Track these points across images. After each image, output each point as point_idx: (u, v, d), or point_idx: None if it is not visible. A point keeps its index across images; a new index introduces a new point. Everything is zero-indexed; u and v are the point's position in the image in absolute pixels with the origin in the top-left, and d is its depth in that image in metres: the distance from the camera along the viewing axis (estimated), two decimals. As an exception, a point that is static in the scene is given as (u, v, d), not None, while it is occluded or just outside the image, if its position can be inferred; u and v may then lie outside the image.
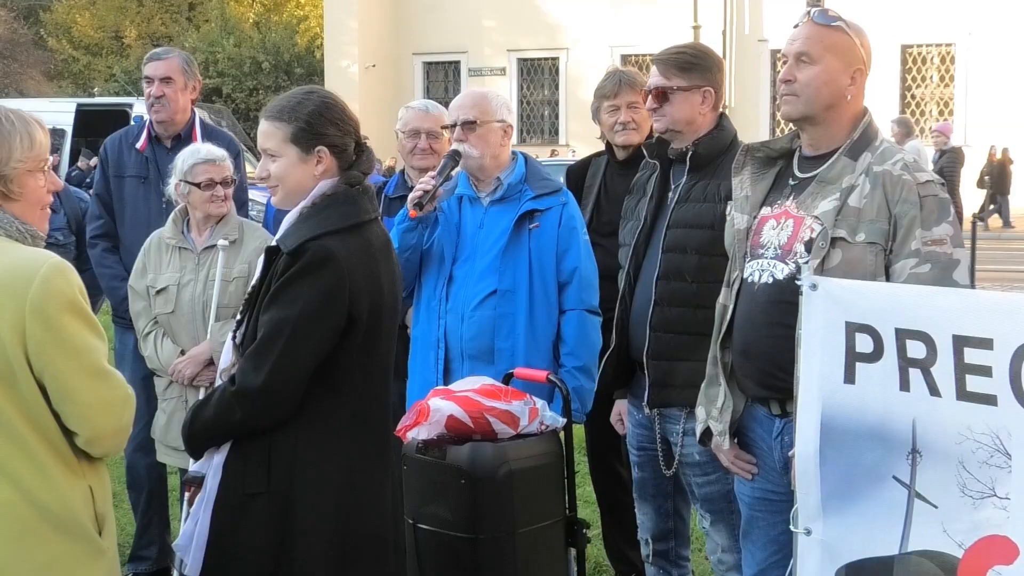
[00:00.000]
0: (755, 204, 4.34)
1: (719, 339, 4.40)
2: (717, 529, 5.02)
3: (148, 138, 6.79)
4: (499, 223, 5.49)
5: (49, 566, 3.46)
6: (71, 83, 47.44)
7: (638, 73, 6.33)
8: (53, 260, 3.43)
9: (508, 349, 5.38)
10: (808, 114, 4.17)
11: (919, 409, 3.41)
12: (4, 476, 3.39)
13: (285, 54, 42.74)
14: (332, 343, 3.92)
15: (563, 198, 5.58)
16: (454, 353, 5.46)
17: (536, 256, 5.45)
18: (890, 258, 3.99)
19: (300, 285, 3.89)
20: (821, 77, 4.11)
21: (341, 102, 4.21)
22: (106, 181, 6.82)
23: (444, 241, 5.54)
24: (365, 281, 3.98)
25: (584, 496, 6.91)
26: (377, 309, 4.04)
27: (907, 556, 3.48)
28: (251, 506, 3.95)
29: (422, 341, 5.58)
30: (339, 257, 3.91)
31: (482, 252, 5.48)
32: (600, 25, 35.90)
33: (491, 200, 5.55)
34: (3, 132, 3.50)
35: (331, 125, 4.10)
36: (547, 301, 5.47)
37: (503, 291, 5.41)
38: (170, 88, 6.72)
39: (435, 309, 5.51)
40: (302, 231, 3.97)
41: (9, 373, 3.36)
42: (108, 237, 6.74)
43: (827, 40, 4.13)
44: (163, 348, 5.99)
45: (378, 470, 4.13)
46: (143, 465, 6.52)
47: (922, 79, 33.58)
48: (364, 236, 4.07)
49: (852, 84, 4.14)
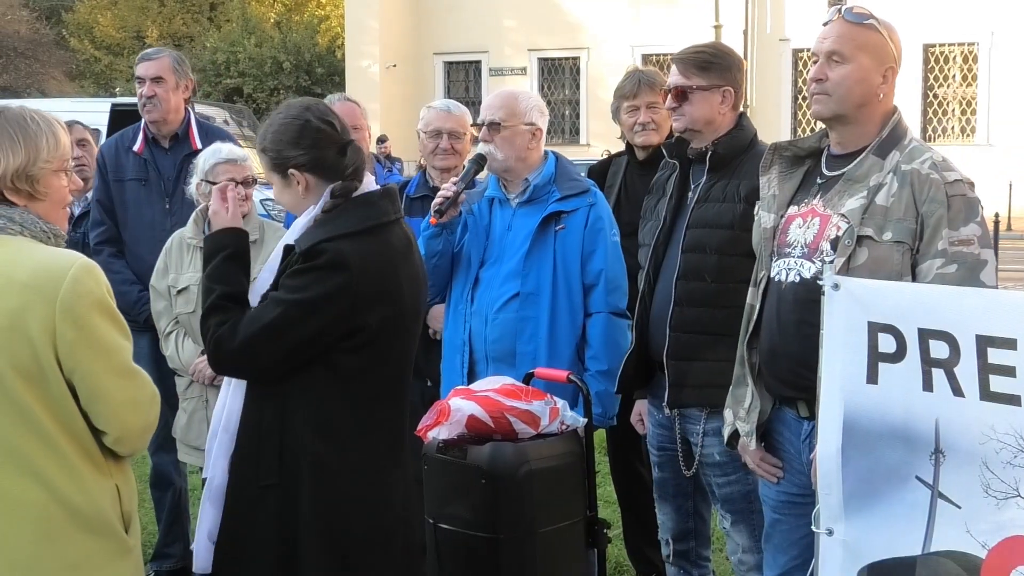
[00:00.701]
0: (782, 203, 4.32)
1: (746, 339, 4.39)
2: (738, 529, 5.01)
3: (145, 140, 6.78)
4: (526, 225, 5.48)
5: (77, 565, 3.49)
6: (92, 83, 47.56)
7: (658, 73, 6.32)
8: (82, 260, 3.46)
9: (530, 352, 5.37)
10: (840, 113, 4.14)
11: (942, 409, 3.40)
12: (34, 476, 3.42)
13: (306, 54, 42.79)
14: (323, 339, 3.92)
15: (591, 199, 5.54)
16: (479, 355, 5.47)
17: (561, 258, 5.43)
18: (917, 258, 3.96)
19: (305, 278, 3.92)
20: (854, 76, 4.09)
21: (303, 117, 4.10)
22: (106, 186, 6.79)
23: (473, 244, 5.54)
24: (379, 287, 3.98)
25: (605, 496, 6.90)
26: (393, 313, 4.04)
27: (930, 556, 3.46)
28: (264, 499, 3.97)
29: (450, 344, 5.59)
30: (352, 263, 3.92)
31: (508, 255, 5.47)
32: (621, 25, 35.88)
33: (519, 202, 5.54)
34: (29, 133, 3.52)
35: (291, 146, 4.07)
36: (571, 304, 5.45)
37: (526, 294, 5.39)
38: (161, 88, 6.71)
39: (461, 312, 5.52)
40: (318, 232, 3.99)
41: (39, 373, 3.38)
42: (112, 242, 6.73)
43: (859, 38, 4.10)
44: (184, 348, 6.00)
45: (388, 470, 4.12)
46: (167, 463, 6.55)
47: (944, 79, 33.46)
48: (383, 238, 4.06)
49: (884, 83, 4.12)
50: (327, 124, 4.10)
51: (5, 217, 3.46)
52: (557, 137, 37.57)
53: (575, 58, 37.90)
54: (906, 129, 4.18)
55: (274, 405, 3.99)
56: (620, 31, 35.89)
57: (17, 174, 3.48)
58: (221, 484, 4.07)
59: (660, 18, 34.89)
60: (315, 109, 4.14)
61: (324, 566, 3.97)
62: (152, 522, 6.99)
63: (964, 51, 33.20)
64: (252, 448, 4.01)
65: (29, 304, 3.35)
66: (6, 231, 3.46)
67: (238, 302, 4.03)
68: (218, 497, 4.08)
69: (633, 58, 33.53)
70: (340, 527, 3.98)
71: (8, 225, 3.46)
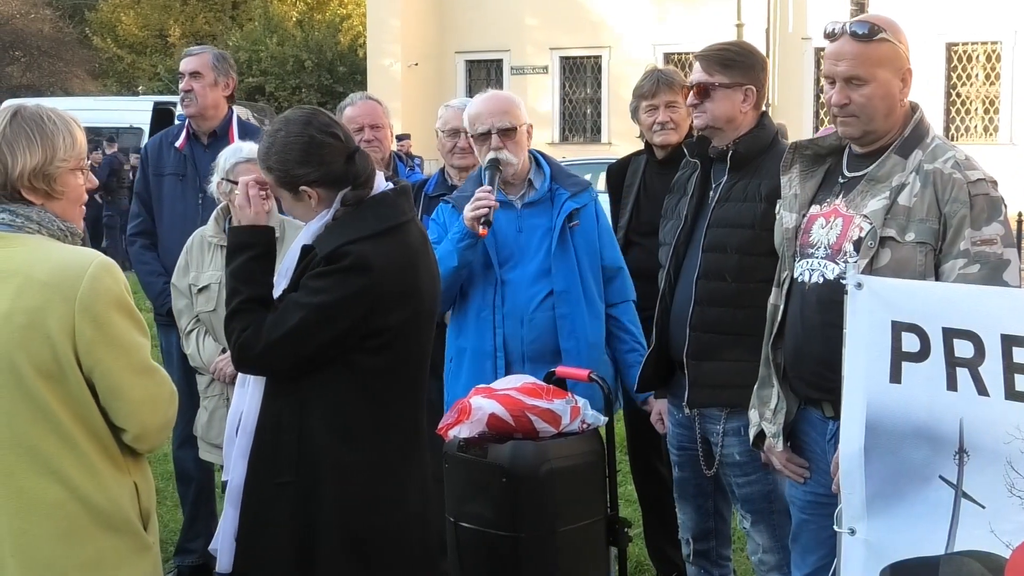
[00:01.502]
0: (804, 203, 4.31)
1: (770, 340, 4.37)
2: (758, 529, 4.99)
3: (187, 136, 6.85)
4: (539, 224, 5.48)
5: (97, 562, 3.51)
6: (115, 81, 47.74)
7: (676, 72, 6.31)
8: (100, 259, 3.48)
9: (573, 349, 5.37)
10: (870, 130, 4.13)
11: (967, 409, 3.38)
12: (54, 475, 3.43)
13: (328, 53, 42.86)
14: (341, 342, 3.92)
15: (593, 193, 5.62)
16: (514, 357, 5.41)
17: (580, 254, 5.46)
18: (939, 258, 3.95)
19: (325, 280, 3.91)
20: (878, 93, 4.07)
21: (306, 133, 4.04)
22: (146, 180, 6.91)
23: (482, 250, 5.49)
24: (400, 288, 3.98)
25: (626, 495, 6.90)
26: (413, 313, 4.05)
27: (953, 556, 3.45)
28: (280, 497, 3.97)
29: (473, 352, 5.50)
30: (375, 266, 3.91)
31: (529, 255, 5.46)
32: (643, 23, 35.80)
33: (524, 202, 5.53)
34: (47, 132, 3.53)
35: (299, 165, 4.03)
36: (596, 298, 5.50)
37: (559, 292, 5.39)
38: (198, 83, 6.77)
39: (487, 319, 5.45)
40: (339, 235, 3.97)
41: (59, 371, 3.40)
42: (146, 235, 6.83)
43: (874, 56, 4.07)
44: (205, 346, 6.02)
45: (406, 469, 4.11)
46: (190, 459, 6.57)
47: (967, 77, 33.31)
48: (402, 238, 4.06)
49: (904, 87, 4.11)
50: (331, 136, 4.04)
51: (23, 216, 3.48)
52: (578, 136, 37.54)
53: (597, 57, 37.82)
54: (928, 127, 4.17)
55: (292, 404, 3.99)
56: (642, 30, 35.81)
57: (35, 173, 3.49)
58: (240, 485, 4.08)
59: (682, 17, 34.81)
60: (316, 123, 4.06)
61: (341, 565, 3.98)
62: (173, 520, 7.01)
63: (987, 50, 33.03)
64: (270, 447, 4.02)
65: (48, 302, 3.37)
66: (24, 230, 3.47)
67: (263, 304, 4.01)
68: (238, 498, 4.09)
69: (655, 57, 33.44)
70: (358, 526, 3.98)
71: (26, 224, 3.48)
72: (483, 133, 5.48)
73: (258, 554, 4.03)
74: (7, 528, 3.43)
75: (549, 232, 5.44)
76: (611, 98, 36.75)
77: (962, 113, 33.17)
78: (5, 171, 3.46)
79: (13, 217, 3.47)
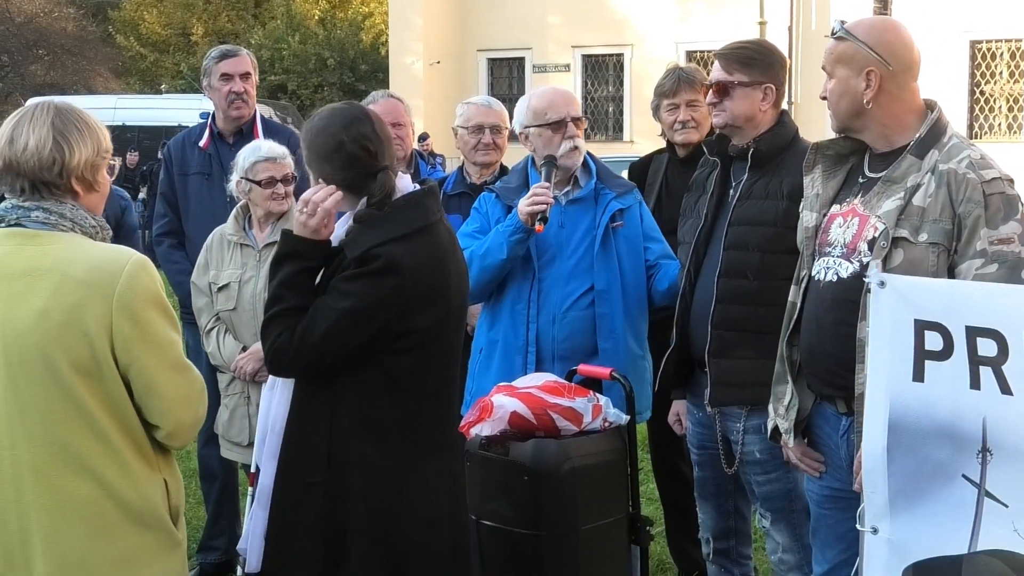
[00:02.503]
0: (825, 202, 4.32)
1: (787, 337, 4.38)
2: (778, 528, 4.99)
3: (211, 136, 6.88)
4: (581, 222, 5.48)
5: (129, 559, 3.54)
6: (139, 80, 47.88)
7: (698, 70, 6.30)
8: (136, 257, 3.51)
9: (611, 349, 5.38)
10: (841, 125, 4.27)
11: (990, 407, 3.37)
12: (87, 472, 3.46)
13: (350, 51, 42.91)
14: (373, 345, 3.90)
15: (638, 195, 5.64)
16: (545, 355, 5.42)
17: (623, 255, 5.46)
18: (955, 259, 3.94)
19: (357, 283, 3.89)
20: (836, 89, 4.20)
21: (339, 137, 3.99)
22: (171, 180, 6.94)
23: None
24: (430, 289, 3.97)
25: (648, 493, 6.89)
26: (443, 314, 4.03)
27: (976, 555, 3.44)
28: (309, 496, 3.97)
29: (505, 345, 5.52)
30: (406, 268, 3.89)
31: (568, 252, 5.46)
32: (665, 21, 35.77)
33: (569, 199, 5.53)
34: (90, 124, 3.59)
35: (324, 161, 4.05)
36: (639, 298, 5.50)
37: (600, 291, 5.40)
38: (249, 84, 6.85)
39: (522, 313, 5.47)
40: (368, 236, 3.94)
41: (95, 368, 3.43)
42: (173, 234, 6.87)
43: (835, 52, 4.20)
44: (225, 344, 6.03)
45: (433, 469, 4.08)
46: (215, 457, 6.59)
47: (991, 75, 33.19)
48: (431, 239, 4.04)
49: (868, 86, 4.12)
50: (363, 149, 4.00)
51: (56, 214, 3.51)
52: (600, 134, 37.50)
53: (619, 55, 37.80)
54: (946, 126, 4.16)
55: (322, 405, 3.98)
56: (664, 27, 35.77)
57: (87, 164, 3.54)
58: (269, 485, 4.07)
59: (705, 14, 34.77)
60: (353, 130, 4.01)
61: (369, 564, 3.96)
62: (195, 517, 7.03)
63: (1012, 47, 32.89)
64: (299, 446, 4.01)
65: (86, 300, 3.39)
66: (58, 228, 3.50)
67: (302, 312, 3.99)
68: (268, 499, 4.08)
69: (677, 55, 33.41)
70: (386, 526, 3.97)
71: (60, 222, 3.50)
72: (556, 121, 5.48)
73: (286, 554, 4.02)
74: (38, 525, 3.45)
75: (591, 231, 5.45)
76: (633, 96, 36.70)
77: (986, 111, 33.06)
78: (63, 161, 3.49)
79: (47, 215, 3.50)
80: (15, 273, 3.43)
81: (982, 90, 33.17)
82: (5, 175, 3.52)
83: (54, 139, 3.48)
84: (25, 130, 3.50)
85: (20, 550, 3.47)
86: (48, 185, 3.50)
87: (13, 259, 3.46)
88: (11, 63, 47.05)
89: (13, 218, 3.50)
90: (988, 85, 33.17)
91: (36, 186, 3.50)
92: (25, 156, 3.47)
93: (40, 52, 46.62)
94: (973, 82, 32.96)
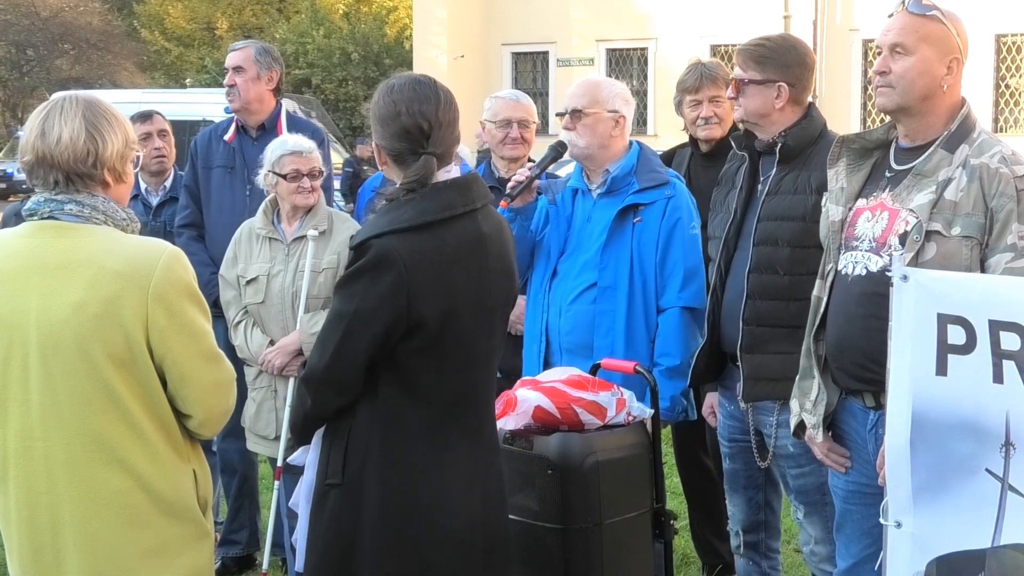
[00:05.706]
0: (850, 196, 4.31)
1: (813, 331, 4.38)
2: (811, 521, 4.99)
3: (236, 130, 6.92)
4: (604, 217, 5.45)
5: (160, 549, 3.58)
6: (163, 74, 47.95)
7: (720, 65, 6.29)
8: (170, 248, 3.56)
9: (607, 347, 5.35)
10: (904, 105, 4.12)
11: (1013, 401, 3.38)
12: (120, 463, 3.50)
13: (374, 45, 42.89)
14: (391, 339, 3.81)
15: (669, 191, 5.47)
16: (554, 347, 5.47)
17: (638, 252, 5.40)
18: (986, 252, 3.94)
19: (358, 283, 3.83)
20: (917, 67, 4.06)
21: (397, 109, 3.93)
22: (195, 173, 6.97)
23: (553, 234, 5.52)
24: (433, 283, 3.84)
25: (671, 487, 6.90)
26: (452, 310, 3.87)
27: (1000, 549, 3.45)
28: (327, 498, 3.96)
29: (529, 333, 5.61)
30: (399, 259, 3.78)
31: (586, 246, 5.46)
32: (690, 15, 35.66)
33: (599, 193, 5.52)
34: (118, 116, 3.63)
35: (379, 124, 3.98)
36: (646, 299, 5.42)
37: (603, 287, 5.38)
38: (241, 77, 6.84)
39: (539, 302, 5.52)
40: (374, 225, 3.89)
41: (131, 359, 3.47)
42: (193, 226, 6.90)
43: (922, 30, 4.07)
44: (253, 338, 6.04)
45: (453, 470, 3.97)
46: (234, 450, 6.62)
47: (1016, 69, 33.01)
48: (438, 234, 3.88)
49: (948, 74, 4.08)
50: (415, 126, 3.91)
51: (89, 207, 3.54)
52: (624, 128, 37.43)
53: (643, 49, 37.71)
54: (975, 122, 4.15)
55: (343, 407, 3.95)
56: (689, 21, 35.67)
57: (118, 155, 3.58)
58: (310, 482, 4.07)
59: (729, 8, 34.64)
60: (416, 105, 3.93)
61: (384, 568, 3.91)
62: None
63: (1037, 41, 32.78)
64: (324, 449, 4.00)
65: (122, 292, 3.43)
66: (91, 220, 3.53)
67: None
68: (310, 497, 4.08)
69: (701, 49, 33.31)
70: (401, 529, 3.91)
71: (93, 215, 3.54)
72: (559, 113, 5.55)
73: (311, 555, 4.02)
74: (70, 516, 3.49)
75: (607, 225, 5.43)
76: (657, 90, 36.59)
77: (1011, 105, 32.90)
78: (97, 152, 3.53)
79: (81, 208, 3.53)
80: (50, 266, 3.47)
81: (1007, 84, 33.02)
82: (38, 168, 3.54)
83: (87, 131, 3.51)
84: (57, 123, 3.52)
85: (50, 541, 3.51)
86: (83, 177, 3.53)
87: (48, 252, 3.49)
88: (37, 57, 47.23)
89: (47, 211, 3.53)
90: (1013, 79, 33.01)
91: (71, 178, 3.53)
92: (59, 148, 3.49)
93: (65, 47, 46.80)
94: (998, 76, 32.80)
